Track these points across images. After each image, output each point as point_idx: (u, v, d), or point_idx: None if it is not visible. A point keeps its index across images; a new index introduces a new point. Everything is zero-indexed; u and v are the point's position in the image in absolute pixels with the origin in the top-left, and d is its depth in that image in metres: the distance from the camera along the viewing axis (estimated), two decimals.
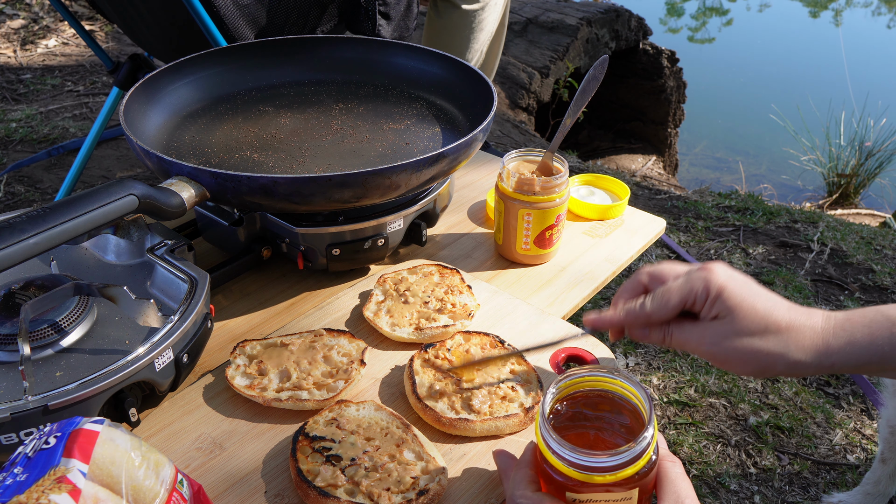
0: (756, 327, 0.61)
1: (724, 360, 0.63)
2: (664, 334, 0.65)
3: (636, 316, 0.66)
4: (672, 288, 0.64)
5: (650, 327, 0.66)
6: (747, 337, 0.61)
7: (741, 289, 0.62)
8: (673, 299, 0.64)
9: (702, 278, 0.63)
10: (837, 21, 6.92)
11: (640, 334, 0.67)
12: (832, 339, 0.61)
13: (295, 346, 0.78)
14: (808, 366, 0.61)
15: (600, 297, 1.92)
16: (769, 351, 0.61)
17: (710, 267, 0.64)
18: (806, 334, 0.61)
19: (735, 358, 0.62)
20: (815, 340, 0.61)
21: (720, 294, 0.62)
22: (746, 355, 0.61)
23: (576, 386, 0.57)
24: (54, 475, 0.48)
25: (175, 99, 1.05)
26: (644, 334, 0.67)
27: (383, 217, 0.92)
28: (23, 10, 3.41)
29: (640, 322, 0.66)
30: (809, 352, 0.61)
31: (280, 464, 0.68)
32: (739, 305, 0.61)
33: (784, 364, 0.61)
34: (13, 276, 0.79)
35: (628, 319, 0.67)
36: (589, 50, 3.66)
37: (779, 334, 0.61)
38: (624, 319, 0.67)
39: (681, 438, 1.52)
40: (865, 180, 3.43)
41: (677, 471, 0.55)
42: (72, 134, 2.49)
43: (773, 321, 0.61)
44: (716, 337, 0.62)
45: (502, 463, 0.62)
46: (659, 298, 0.65)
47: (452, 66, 1.09)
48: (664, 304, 0.64)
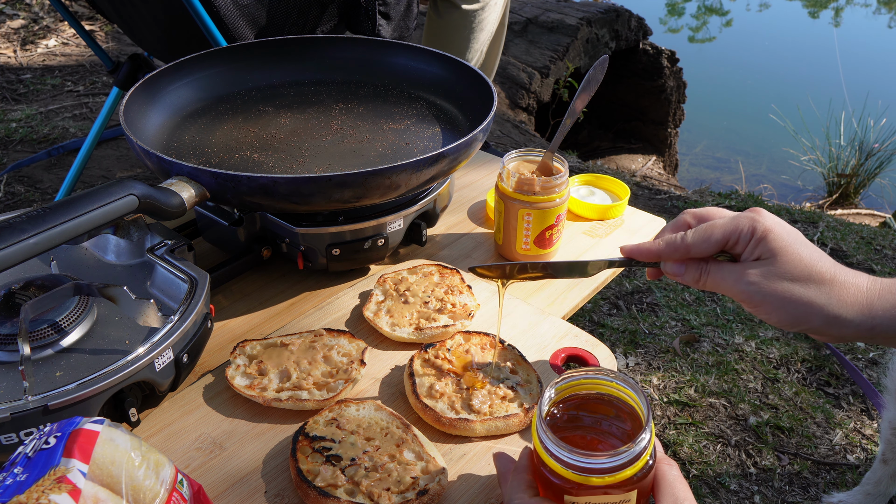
0: (799, 273, 0.58)
1: (760, 303, 0.60)
2: (700, 272, 0.63)
3: (675, 247, 0.63)
4: (717, 224, 0.62)
5: (688, 263, 0.64)
6: (788, 282, 0.58)
7: (788, 234, 0.60)
8: (716, 234, 0.61)
9: (749, 217, 0.61)
10: (837, 21, 6.92)
11: (675, 269, 0.65)
12: (877, 300, 0.58)
13: (295, 346, 0.78)
14: (849, 323, 0.58)
15: (600, 297, 1.92)
16: (809, 300, 0.58)
17: (759, 210, 0.62)
18: (850, 291, 0.58)
19: (772, 302, 0.59)
20: (858, 298, 0.58)
21: (766, 235, 0.59)
22: (784, 301, 0.59)
23: (573, 388, 0.57)
24: (54, 475, 0.48)
25: (175, 99, 1.05)
26: (679, 271, 0.64)
27: (383, 217, 0.92)
28: (23, 10, 3.41)
29: (678, 253, 0.64)
30: (852, 309, 0.58)
31: (280, 464, 0.68)
32: (784, 249, 0.59)
33: (822, 317, 0.58)
34: (13, 276, 0.79)
35: (667, 250, 0.64)
36: (589, 50, 3.66)
37: (822, 285, 0.58)
38: (663, 250, 0.65)
39: (681, 438, 1.52)
40: (865, 180, 3.43)
41: (674, 473, 0.54)
42: (72, 134, 2.49)
43: (817, 271, 0.58)
44: (755, 277, 0.59)
45: (501, 466, 0.61)
46: (702, 232, 0.62)
47: (452, 66, 1.09)
48: (706, 238, 0.62)
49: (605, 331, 1.80)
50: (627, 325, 1.82)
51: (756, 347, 1.75)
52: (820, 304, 0.58)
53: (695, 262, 0.63)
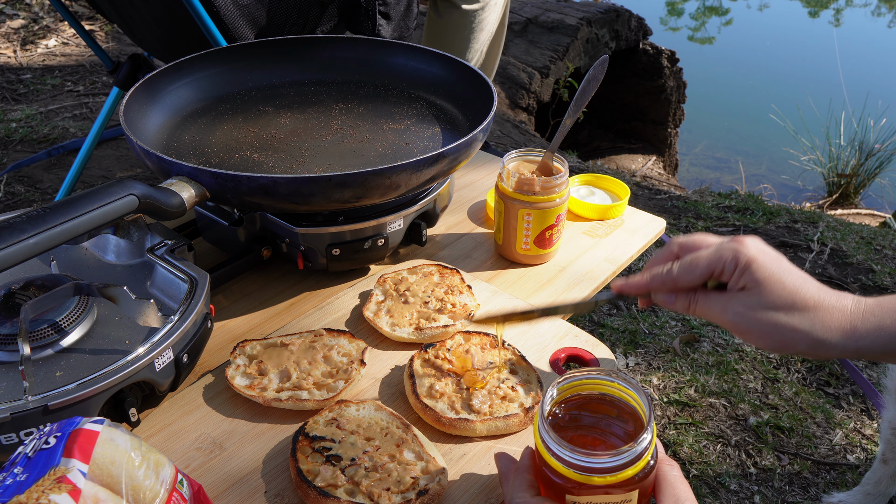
0: (783, 302, 0.60)
1: (746, 331, 0.62)
2: (689, 301, 0.65)
3: (662, 281, 0.65)
4: (701, 255, 0.64)
5: (676, 293, 0.66)
6: (773, 311, 0.60)
7: (771, 263, 0.61)
8: (700, 266, 0.63)
9: (732, 248, 0.62)
10: (837, 21, 6.92)
11: (665, 300, 0.66)
12: (860, 322, 0.59)
13: (295, 346, 0.78)
14: (833, 347, 0.60)
15: None
16: (794, 327, 0.60)
17: (742, 239, 0.63)
18: (834, 315, 0.60)
19: (758, 330, 0.61)
20: (842, 322, 0.60)
21: (749, 265, 0.61)
22: (769, 329, 0.60)
23: (575, 388, 0.57)
24: (54, 475, 0.48)
25: (175, 99, 1.05)
26: (670, 301, 0.66)
27: (383, 217, 0.91)
28: (23, 10, 3.41)
29: (666, 287, 0.66)
30: (836, 332, 0.59)
31: (280, 464, 0.68)
32: (768, 279, 0.60)
33: (807, 342, 0.60)
34: (13, 276, 0.79)
35: (654, 284, 0.66)
36: (589, 50, 3.66)
37: (805, 312, 0.60)
38: (650, 284, 0.66)
39: (681, 438, 1.52)
40: (865, 180, 3.43)
41: (675, 473, 0.55)
42: (72, 134, 2.49)
43: (801, 298, 0.60)
44: (740, 307, 0.61)
45: (503, 466, 0.62)
46: (687, 265, 0.64)
47: (452, 66, 1.09)
48: (691, 271, 0.64)
49: (605, 331, 1.80)
50: (627, 325, 1.82)
51: (756, 347, 1.75)
52: (804, 331, 0.60)
53: (684, 292, 0.65)
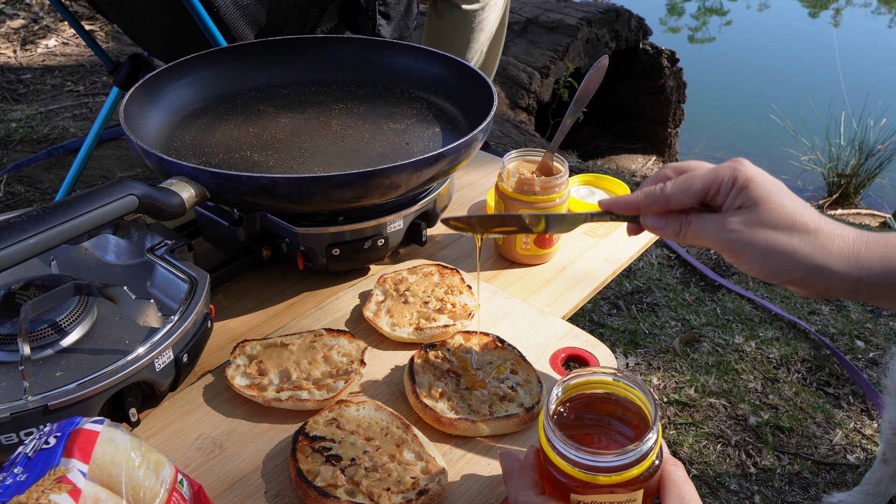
0: (782, 222, 0.56)
1: (741, 252, 0.58)
2: (681, 224, 0.61)
3: (654, 199, 0.62)
4: (697, 174, 0.60)
5: (667, 215, 0.62)
6: (771, 230, 0.56)
7: (771, 184, 0.58)
8: (696, 184, 0.60)
9: (730, 167, 0.59)
10: (837, 21, 6.92)
11: (655, 223, 0.63)
12: (864, 251, 0.56)
13: (295, 346, 0.78)
14: (833, 274, 0.56)
15: (600, 297, 1.92)
16: (792, 249, 0.56)
17: (740, 159, 0.60)
18: (835, 240, 0.56)
19: (753, 251, 0.57)
20: (844, 248, 0.56)
21: (747, 184, 0.57)
22: (766, 250, 0.57)
23: (580, 388, 0.57)
24: (54, 475, 0.48)
25: (175, 99, 1.05)
26: (659, 224, 0.63)
27: (383, 217, 0.91)
28: (23, 10, 3.41)
29: (657, 205, 0.62)
30: (837, 258, 0.55)
31: (280, 464, 0.68)
32: (767, 198, 0.57)
33: (806, 267, 0.56)
34: (13, 276, 0.79)
35: (646, 202, 0.63)
36: (589, 50, 3.66)
37: (806, 234, 0.56)
38: (641, 202, 0.63)
39: (681, 438, 1.52)
40: (865, 180, 3.43)
41: (680, 473, 0.54)
42: (72, 134, 2.49)
43: (802, 220, 0.56)
44: (736, 225, 0.57)
45: (507, 465, 0.61)
46: (682, 182, 0.61)
47: (452, 66, 1.09)
48: (686, 189, 0.60)
49: (605, 331, 1.80)
50: (627, 325, 1.82)
51: (756, 347, 1.75)
52: (804, 254, 0.56)
53: (675, 214, 0.62)
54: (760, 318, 1.85)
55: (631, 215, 0.65)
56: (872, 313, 1.90)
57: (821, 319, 1.86)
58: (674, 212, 0.62)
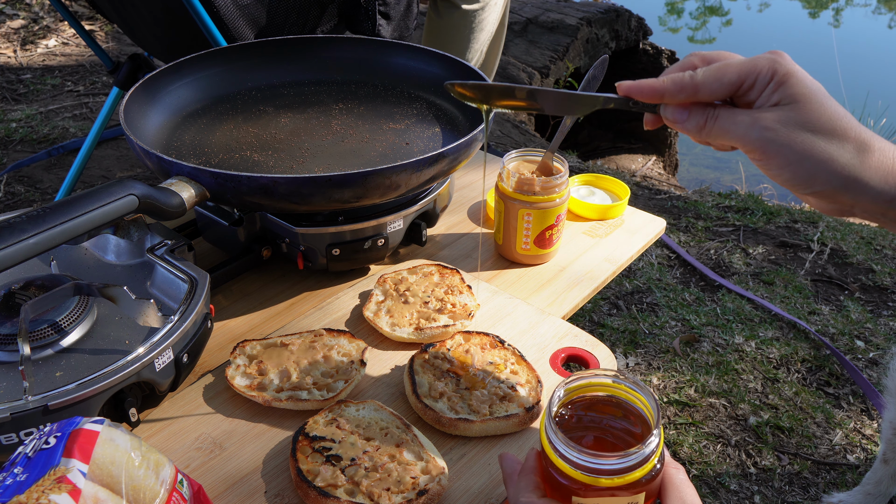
0: (822, 125, 0.51)
1: (774, 154, 0.53)
2: (706, 117, 0.56)
3: (682, 86, 0.56)
4: (731, 63, 0.54)
5: (691, 108, 0.56)
6: (809, 133, 0.51)
7: (812, 83, 0.53)
8: (730, 74, 0.54)
9: (768, 59, 0.53)
10: (837, 21, 6.92)
11: (677, 115, 0.57)
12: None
13: (295, 346, 0.78)
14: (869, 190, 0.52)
15: (600, 297, 1.92)
16: (830, 156, 0.51)
17: (779, 52, 0.54)
18: (875, 154, 0.52)
19: (787, 153, 0.52)
20: (884, 164, 0.51)
21: (788, 79, 0.52)
22: (802, 154, 0.52)
23: (582, 390, 0.56)
24: (54, 475, 0.48)
25: (175, 99, 1.05)
26: (682, 116, 0.57)
27: (383, 217, 0.92)
28: (23, 10, 3.41)
29: (684, 94, 0.56)
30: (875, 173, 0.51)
31: (280, 464, 0.68)
32: (808, 97, 0.52)
33: (841, 178, 0.51)
34: (13, 276, 0.79)
35: (672, 88, 0.56)
36: (589, 50, 3.66)
37: (846, 141, 0.51)
38: (667, 88, 0.57)
39: (681, 438, 1.52)
40: None
41: (681, 477, 0.54)
42: (72, 134, 2.49)
43: (842, 126, 0.51)
44: (772, 123, 0.52)
45: (507, 467, 0.60)
46: (714, 70, 0.55)
47: (452, 66, 1.09)
48: (719, 78, 0.54)
49: (605, 331, 1.80)
50: (627, 325, 1.82)
51: (756, 347, 1.75)
52: (842, 163, 0.51)
53: (700, 106, 0.56)
54: (760, 318, 1.85)
55: (652, 103, 0.59)
56: (872, 313, 1.90)
57: (821, 319, 1.86)
58: (699, 104, 0.56)
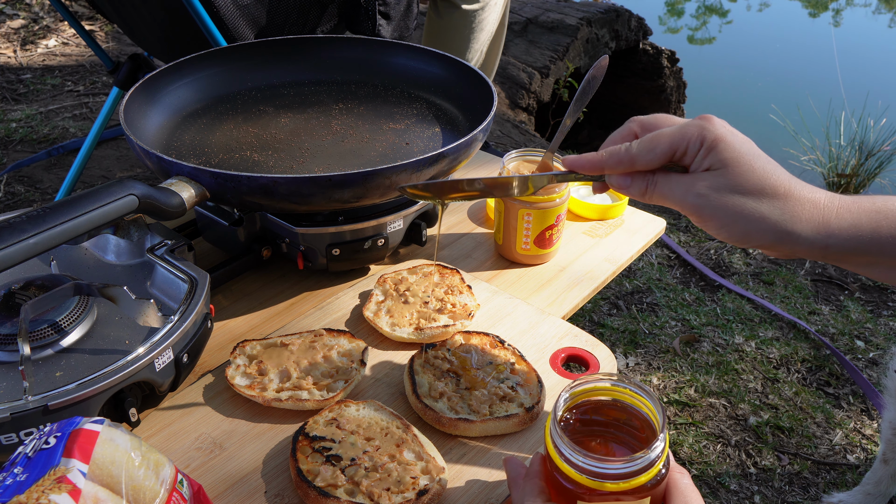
0: (751, 186, 0.55)
1: (709, 217, 0.56)
2: (647, 184, 0.59)
3: (619, 159, 0.60)
4: (663, 133, 0.58)
5: (633, 175, 0.60)
6: (739, 195, 0.55)
7: (741, 144, 0.56)
8: (662, 144, 0.57)
9: (697, 125, 0.56)
10: (837, 21, 6.92)
11: (620, 182, 0.61)
12: (834, 218, 0.55)
13: (295, 346, 0.78)
14: (802, 241, 0.55)
15: (600, 297, 1.92)
16: (761, 215, 0.55)
17: (709, 117, 0.57)
18: (805, 206, 0.55)
19: (721, 216, 0.56)
20: (814, 215, 0.55)
21: (716, 145, 0.55)
22: (734, 215, 0.55)
23: (588, 394, 0.56)
24: (54, 475, 0.48)
25: (175, 99, 1.05)
26: (625, 183, 0.61)
27: (383, 217, 0.91)
28: (23, 10, 3.41)
29: (623, 166, 0.60)
30: (806, 225, 0.55)
31: (280, 464, 0.68)
32: (736, 160, 0.55)
33: (774, 233, 0.55)
34: (13, 276, 0.79)
35: (610, 162, 0.60)
36: (589, 50, 3.66)
37: (776, 199, 0.55)
38: (605, 161, 0.61)
39: (681, 438, 1.52)
40: (865, 180, 3.43)
41: (686, 482, 0.54)
42: (72, 134, 2.49)
43: (771, 184, 0.55)
44: (704, 189, 0.56)
45: (512, 471, 0.60)
46: (647, 142, 0.58)
47: (452, 66, 1.09)
48: (652, 149, 0.58)
49: (605, 331, 1.80)
50: (627, 325, 1.82)
51: (756, 347, 1.75)
52: (773, 220, 0.55)
53: (641, 173, 0.60)
54: (760, 318, 1.85)
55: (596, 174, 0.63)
56: (872, 313, 1.90)
57: (821, 319, 1.86)
58: (640, 172, 0.60)
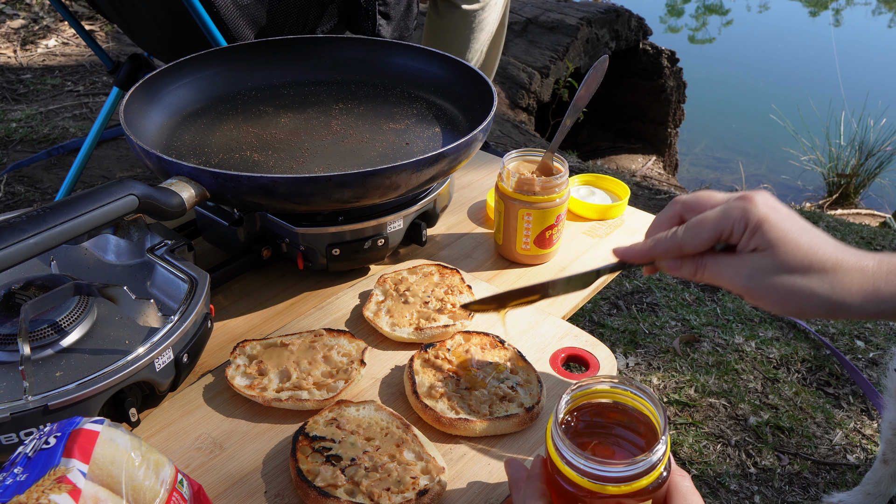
0: (799, 264, 0.56)
1: (762, 296, 0.58)
2: (696, 267, 0.61)
3: (667, 247, 0.61)
4: (707, 217, 0.59)
5: (682, 259, 0.61)
6: (787, 274, 0.56)
7: (784, 221, 0.57)
8: (707, 228, 0.59)
9: (740, 208, 0.58)
10: (837, 21, 6.92)
11: (671, 266, 0.62)
12: (884, 284, 0.56)
13: (295, 346, 0.78)
14: (854, 310, 0.56)
15: (600, 297, 1.92)
16: (811, 291, 0.56)
17: (751, 196, 0.58)
18: (854, 276, 0.56)
19: (773, 296, 0.57)
20: (863, 284, 0.56)
21: (760, 226, 0.57)
22: (786, 294, 0.57)
23: (588, 396, 0.56)
24: (54, 475, 0.48)
25: (175, 99, 1.05)
26: (675, 266, 0.62)
27: (383, 217, 0.91)
28: (23, 10, 3.41)
29: (671, 253, 0.61)
30: (856, 295, 0.56)
31: (280, 464, 0.68)
32: (782, 239, 0.56)
33: (826, 307, 0.56)
34: (13, 276, 0.79)
35: (658, 251, 0.62)
36: (589, 50, 3.66)
37: (823, 273, 0.56)
38: (654, 251, 0.62)
39: (681, 438, 1.52)
40: (865, 180, 3.43)
41: (687, 484, 0.54)
42: (72, 134, 2.49)
43: (818, 259, 0.56)
44: (753, 271, 0.57)
45: (513, 473, 0.60)
46: (693, 228, 0.60)
47: (452, 66, 1.09)
48: (697, 235, 0.59)
49: (605, 331, 1.80)
50: (627, 325, 1.82)
51: (756, 347, 1.75)
52: (823, 294, 0.56)
53: (690, 257, 0.61)
54: (760, 318, 1.85)
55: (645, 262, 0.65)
56: None
57: (821, 319, 1.86)
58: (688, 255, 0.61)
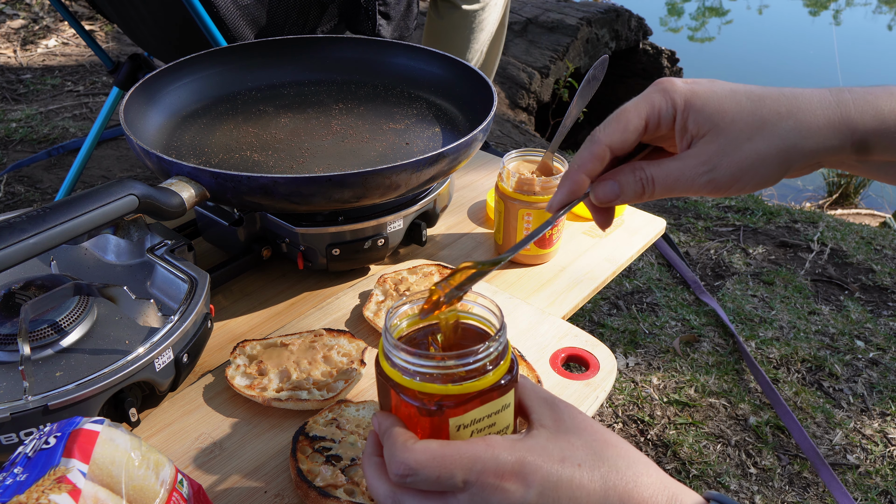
0: (752, 126, 0.48)
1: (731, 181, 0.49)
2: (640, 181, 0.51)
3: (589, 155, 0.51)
4: (628, 107, 0.51)
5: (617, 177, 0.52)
6: (747, 142, 0.48)
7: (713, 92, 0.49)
8: (632, 120, 0.51)
9: (661, 90, 0.50)
10: (837, 21, 6.92)
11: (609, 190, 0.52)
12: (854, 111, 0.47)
13: (295, 346, 0.78)
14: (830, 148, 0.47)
15: (600, 297, 1.92)
16: (779, 147, 0.47)
17: (664, 80, 0.51)
18: (816, 112, 0.47)
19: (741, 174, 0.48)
20: (829, 115, 0.47)
21: (691, 105, 0.49)
22: (756, 162, 0.48)
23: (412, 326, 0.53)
24: (54, 475, 0.48)
25: (175, 99, 1.05)
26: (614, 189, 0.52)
27: (383, 217, 0.92)
28: (23, 10, 3.41)
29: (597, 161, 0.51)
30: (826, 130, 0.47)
31: (280, 464, 0.68)
32: (720, 110, 0.48)
33: (801, 154, 0.47)
34: (13, 276, 0.79)
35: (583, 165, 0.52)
36: (589, 50, 3.66)
37: (780, 122, 0.47)
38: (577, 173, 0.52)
39: (681, 438, 1.52)
40: (865, 180, 3.43)
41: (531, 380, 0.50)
42: (72, 134, 2.49)
43: (769, 110, 0.48)
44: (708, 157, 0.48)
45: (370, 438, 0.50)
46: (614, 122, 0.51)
47: (452, 66, 1.09)
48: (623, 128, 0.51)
49: (605, 331, 1.80)
50: (627, 325, 1.82)
51: (756, 347, 1.75)
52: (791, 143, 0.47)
53: (626, 173, 0.51)
54: (760, 319, 1.85)
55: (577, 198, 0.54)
56: (872, 313, 1.90)
57: (821, 319, 1.86)
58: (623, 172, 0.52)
